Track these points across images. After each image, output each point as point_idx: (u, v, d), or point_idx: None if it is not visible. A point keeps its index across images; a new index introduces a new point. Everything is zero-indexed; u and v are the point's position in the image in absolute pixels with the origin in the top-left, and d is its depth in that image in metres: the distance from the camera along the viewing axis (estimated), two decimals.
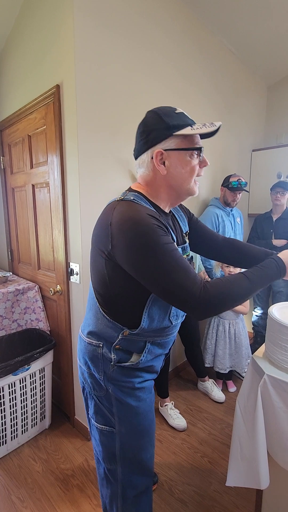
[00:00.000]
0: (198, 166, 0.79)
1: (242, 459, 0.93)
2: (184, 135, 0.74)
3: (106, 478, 0.93)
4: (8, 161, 2.02)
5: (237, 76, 2.44)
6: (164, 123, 0.73)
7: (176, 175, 0.77)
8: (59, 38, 1.37)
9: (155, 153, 0.74)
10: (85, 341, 0.89)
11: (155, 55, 1.68)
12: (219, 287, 0.70)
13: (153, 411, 0.93)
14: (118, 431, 0.87)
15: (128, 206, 0.73)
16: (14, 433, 1.55)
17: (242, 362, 1.93)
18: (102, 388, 0.86)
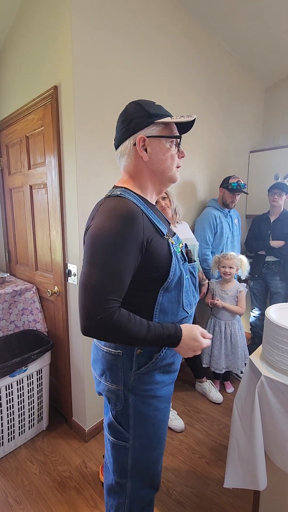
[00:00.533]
0: (177, 155, 0.82)
1: (239, 460, 0.93)
2: (164, 124, 0.78)
3: (114, 490, 0.91)
4: (6, 162, 2.01)
5: (234, 78, 2.45)
6: (146, 112, 0.77)
7: (157, 161, 0.79)
8: (57, 39, 1.37)
9: (138, 138, 0.76)
10: (103, 350, 0.83)
11: (153, 57, 1.68)
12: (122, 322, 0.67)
13: (167, 421, 0.90)
14: (131, 445, 0.84)
15: (116, 201, 0.73)
16: (11, 435, 1.54)
17: (238, 363, 1.93)
18: (119, 399, 0.82)
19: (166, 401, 0.87)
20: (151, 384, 0.81)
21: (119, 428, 0.84)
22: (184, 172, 2.06)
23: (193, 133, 2.07)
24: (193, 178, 2.15)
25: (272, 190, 2.29)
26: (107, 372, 0.83)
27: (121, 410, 0.83)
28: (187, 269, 0.83)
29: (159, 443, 0.88)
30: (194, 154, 2.13)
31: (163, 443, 0.91)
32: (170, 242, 0.78)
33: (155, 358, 0.79)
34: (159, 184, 0.84)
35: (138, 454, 0.86)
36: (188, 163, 2.08)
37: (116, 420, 0.85)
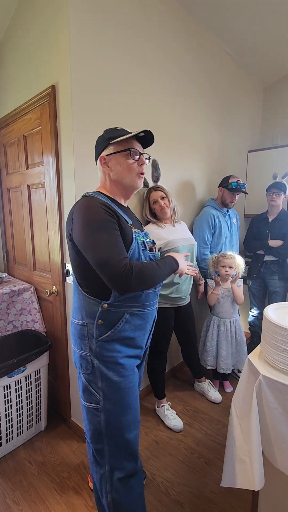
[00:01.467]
0: (137, 164, 0.99)
1: (237, 460, 0.93)
2: (118, 142, 0.97)
3: (95, 461, 1.02)
4: (4, 162, 2.01)
5: (233, 78, 2.45)
6: (105, 138, 1.00)
7: (116, 172, 1.00)
8: (54, 38, 1.37)
9: (99, 158, 1.01)
10: (74, 323, 1.03)
11: (151, 57, 1.68)
12: (141, 271, 0.88)
13: (136, 392, 1.02)
14: (102, 407, 0.97)
15: (87, 198, 0.94)
16: (10, 436, 1.54)
17: (244, 359, 1.93)
18: (88, 364, 0.98)
19: (131, 370, 1.00)
20: (113, 352, 0.97)
21: (91, 390, 0.99)
22: (182, 171, 2.05)
23: (191, 133, 2.08)
24: (191, 177, 2.15)
25: (270, 189, 2.29)
26: (78, 341, 1.01)
27: (91, 373, 0.98)
28: (147, 256, 1.01)
29: (129, 409, 0.99)
30: (193, 154, 2.13)
31: (134, 412, 1.01)
32: (133, 231, 0.98)
33: (114, 329, 0.96)
34: (123, 189, 1.03)
35: (110, 417, 0.98)
36: (186, 162, 2.08)
37: (87, 383, 0.99)
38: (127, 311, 0.97)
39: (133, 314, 0.99)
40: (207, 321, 2.05)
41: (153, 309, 1.07)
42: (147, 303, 1.02)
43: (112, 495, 0.99)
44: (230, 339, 1.94)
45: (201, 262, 2.06)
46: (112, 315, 0.96)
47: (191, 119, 2.06)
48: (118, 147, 0.98)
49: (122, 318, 0.97)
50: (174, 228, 1.71)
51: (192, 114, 2.06)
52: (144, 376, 1.97)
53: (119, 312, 0.96)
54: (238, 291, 1.92)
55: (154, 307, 1.08)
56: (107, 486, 0.99)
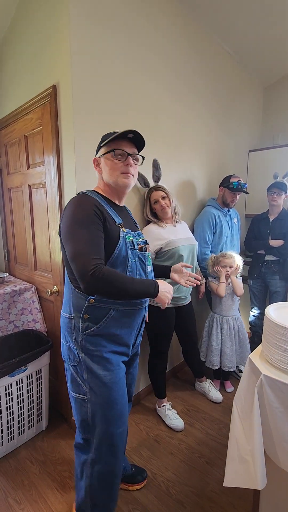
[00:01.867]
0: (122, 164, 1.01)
1: (239, 459, 0.93)
2: (107, 144, 1.01)
3: (80, 446, 1.07)
4: (5, 162, 2.01)
5: (233, 77, 2.45)
6: (101, 141, 1.05)
7: (105, 173, 1.04)
8: (55, 38, 1.37)
9: (92, 160, 1.08)
10: (62, 315, 1.06)
11: (152, 57, 1.68)
12: (110, 276, 0.86)
13: (122, 388, 1.03)
14: (89, 399, 1.01)
15: (80, 196, 0.99)
16: (11, 435, 1.54)
17: (247, 356, 1.93)
18: (75, 357, 1.01)
19: (116, 365, 1.02)
20: (98, 346, 0.99)
21: (78, 381, 1.02)
22: (183, 171, 2.06)
23: (192, 132, 2.08)
24: (192, 177, 2.15)
25: (271, 189, 2.29)
26: (65, 333, 1.04)
27: (78, 365, 1.01)
28: (136, 255, 1.02)
29: (114, 404, 1.01)
30: (193, 154, 2.13)
31: (121, 408, 1.03)
32: (122, 230, 0.99)
33: (99, 324, 0.98)
34: (114, 189, 1.06)
35: (96, 409, 1.00)
36: (187, 162, 2.08)
37: (76, 374, 1.03)
38: (113, 307, 0.98)
39: (120, 311, 1.00)
40: (209, 320, 2.05)
41: (141, 308, 1.07)
42: (135, 301, 1.03)
43: (91, 481, 1.03)
44: (234, 336, 1.94)
45: (202, 262, 2.06)
46: (98, 311, 0.97)
47: (192, 119, 2.06)
48: (106, 149, 1.02)
49: (108, 314, 0.98)
50: (175, 228, 1.71)
51: (192, 113, 2.06)
52: (145, 375, 1.97)
53: (106, 308, 0.98)
54: (238, 282, 1.92)
55: (144, 306, 1.08)
56: (88, 471, 1.04)
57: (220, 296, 1.92)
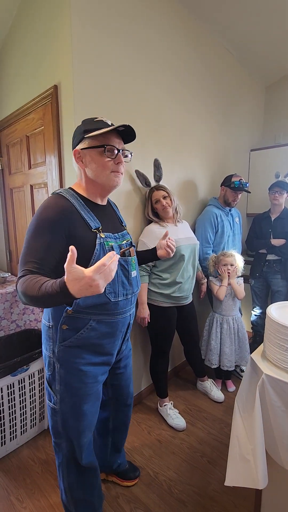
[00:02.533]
0: (112, 162, 0.90)
1: (240, 458, 0.93)
2: (94, 136, 0.88)
3: (55, 449, 1.06)
4: (6, 162, 2.02)
5: (235, 76, 2.45)
6: (82, 129, 0.91)
7: (91, 169, 0.92)
8: (57, 38, 1.37)
9: (73, 152, 0.93)
10: (42, 322, 1.00)
11: (152, 56, 1.68)
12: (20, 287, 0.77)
13: (93, 399, 1.00)
14: (59, 409, 0.98)
15: (51, 197, 0.90)
16: (13, 434, 1.55)
17: (247, 356, 1.94)
18: (50, 366, 0.97)
19: (93, 378, 0.97)
20: (76, 358, 0.94)
21: (50, 391, 0.99)
22: (184, 171, 2.05)
23: (194, 132, 2.07)
24: (193, 177, 2.15)
25: (272, 188, 2.28)
26: (44, 341, 0.99)
27: (52, 375, 0.97)
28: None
29: (83, 416, 0.98)
30: (194, 153, 2.12)
31: (89, 419, 1.01)
32: (99, 235, 0.90)
33: (78, 335, 0.91)
34: (100, 188, 0.95)
35: (65, 419, 0.98)
36: (188, 162, 2.08)
37: (48, 383, 1.00)
38: (93, 318, 0.92)
39: (101, 321, 0.93)
40: (209, 320, 2.05)
41: (124, 316, 1.00)
42: (116, 311, 0.95)
43: (68, 480, 1.05)
44: (233, 336, 1.94)
45: (204, 262, 2.06)
46: (77, 321, 0.91)
47: (193, 118, 2.06)
48: (94, 142, 0.89)
49: (87, 325, 0.91)
50: (176, 228, 1.71)
51: (194, 113, 2.06)
52: (146, 374, 1.98)
53: (85, 318, 0.91)
54: (238, 286, 1.92)
55: (127, 315, 1.01)
56: (64, 472, 1.05)
57: (219, 299, 1.94)
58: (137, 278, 1.05)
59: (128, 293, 0.98)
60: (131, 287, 0.99)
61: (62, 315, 0.90)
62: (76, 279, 0.67)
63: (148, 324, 1.69)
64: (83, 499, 1.08)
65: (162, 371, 1.81)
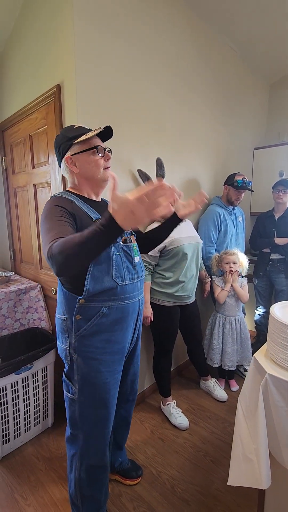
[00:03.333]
0: (103, 159, 1.02)
1: (243, 458, 0.92)
2: (82, 141, 0.98)
3: (70, 440, 1.09)
4: (10, 161, 2.02)
5: (238, 74, 2.43)
6: (66, 138, 1.00)
7: (86, 170, 1.01)
8: (59, 38, 1.37)
9: (65, 159, 1.01)
10: (57, 317, 1.05)
11: (155, 55, 1.67)
12: (60, 244, 0.74)
13: (113, 389, 1.05)
14: (78, 399, 1.02)
15: (52, 198, 0.99)
16: (17, 432, 1.56)
17: (249, 355, 1.93)
18: (67, 358, 1.02)
19: (108, 367, 1.02)
20: (91, 347, 0.99)
21: (68, 382, 1.04)
22: (187, 169, 2.05)
23: (196, 130, 2.06)
24: (196, 176, 2.14)
25: (276, 187, 2.27)
26: (60, 335, 1.04)
27: (70, 366, 1.02)
28: (119, 247, 1.00)
29: (102, 404, 1.03)
30: (197, 152, 2.12)
31: (110, 408, 1.05)
32: None
33: (90, 322, 0.97)
34: (95, 186, 1.05)
35: (84, 408, 1.03)
36: (191, 160, 2.07)
37: (66, 374, 1.05)
38: (105, 305, 0.97)
39: (111, 307, 0.98)
40: (212, 319, 2.04)
41: (134, 301, 1.05)
42: (125, 295, 1.01)
43: (80, 473, 1.07)
44: (236, 336, 1.94)
45: (207, 261, 2.05)
46: (89, 310, 0.97)
47: (196, 117, 2.05)
48: (83, 146, 0.99)
49: (99, 312, 0.97)
50: (180, 226, 1.70)
51: (197, 111, 2.05)
52: (150, 373, 1.98)
53: (97, 307, 0.97)
54: (241, 290, 1.91)
55: (136, 300, 1.06)
56: (77, 464, 1.07)
57: (219, 302, 1.95)
58: (141, 264, 1.11)
59: (134, 277, 1.03)
60: (136, 271, 1.05)
61: (75, 307, 0.96)
62: (121, 205, 0.65)
63: (151, 323, 1.69)
64: (91, 495, 1.10)
65: (165, 370, 1.81)
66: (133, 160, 1.63)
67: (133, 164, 1.63)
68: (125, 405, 1.28)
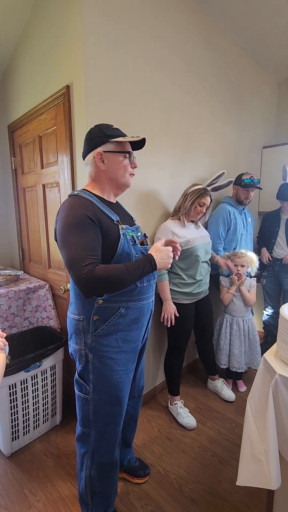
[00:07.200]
0: (130, 166, 1.04)
1: (253, 459, 0.92)
2: (117, 142, 1.00)
3: (82, 439, 1.10)
4: (19, 162, 2.05)
5: (247, 72, 2.41)
6: (103, 133, 1.00)
7: (112, 170, 1.01)
8: (69, 39, 1.38)
9: (96, 153, 1.00)
10: (70, 317, 1.06)
11: (165, 54, 1.67)
12: (103, 274, 0.84)
13: (127, 388, 1.07)
14: (92, 398, 1.03)
15: (72, 198, 0.97)
16: (26, 429, 1.58)
17: (257, 358, 1.92)
18: (82, 357, 1.03)
19: (123, 366, 1.04)
20: (107, 347, 1.00)
21: (82, 382, 1.05)
22: (196, 168, 2.04)
23: (205, 129, 2.05)
24: (204, 174, 2.13)
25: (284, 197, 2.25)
26: (73, 335, 1.05)
27: (84, 366, 1.03)
28: (139, 250, 1.03)
29: (116, 402, 1.05)
30: (205, 150, 2.11)
31: (123, 407, 1.07)
32: (120, 227, 0.99)
33: (108, 322, 0.98)
34: (115, 188, 1.06)
35: (98, 407, 1.04)
36: (200, 159, 2.06)
37: (80, 375, 1.06)
38: (122, 305, 0.99)
39: (129, 308, 1.00)
40: (220, 320, 2.03)
41: (149, 302, 1.08)
42: (142, 296, 1.03)
43: (91, 471, 1.09)
44: (243, 337, 1.92)
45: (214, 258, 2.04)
46: (107, 310, 0.98)
47: (205, 116, 2.04)
48: (118, 147, 1.00)
49: (117, 312, 0.99)
50: (193, 228, 1.72)
51: (206, 110, 2.04)
52: (161, 371, 1.98)
53: (115, 307, 0.98)
54: (248, 294, 1.90)
55: (150, 300, 1.09)
56: (88, 462, 1.09)
57: (223, 304, 1.95)
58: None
59: (151, 278, 1.06)
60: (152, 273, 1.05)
61: (93, 307, 0.98)
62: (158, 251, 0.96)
63: (166, 320, 1.70)
64: (100, 492, 1.11)
65: (176, 368, 1.81)
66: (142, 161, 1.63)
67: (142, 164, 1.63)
68: (131, 402, 1.28)
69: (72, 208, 0.92)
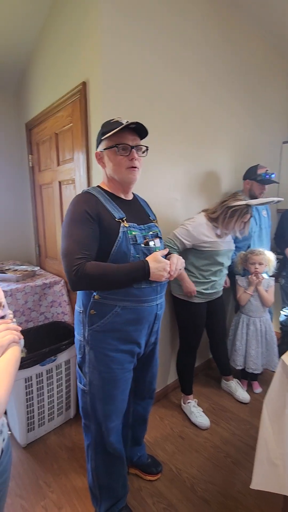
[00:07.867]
0: (126, 158, 0.96)
1: (268, 463, 0.90)
2: (109, 137, 0.95)
3: (85, 430, 1.12)
4: (36, 159, 2.08)
5: (267, 62, 2.33)
6: (100, 132, 1.00)
7: (109, 168, 1.00)
8: (85, 35, 1.38)
9: (95, 154, 1.03)
10: (76, 309, 1.08)
11: (182, 50, 1.64)
12: (93, 271, 0.86)
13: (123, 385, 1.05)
14: (88, 391, 1.05)
15: (81, 194, 1.00)
16: (41, 421, 1.62)
17: (275, 359, 1.87)
18: (81, 349, 1.05)
19: (119, 365, 1.02)
20: (103, 343, 1.00)
21: (80, 373, 1.07)
22: (210, 163, 2.00)
23: (220, 124, 2.00)
24: (219, 170, 2.08)
25: None
26: (76, 326, 1.07)
27: (82, 357, 1.05)
28: (140, 250, 0.98)
29: (110, 400, 1.04)
30: (221, 144, 2.06)
31: (119, 404, 1.06)
32: (122, 225, 0.96)
33: (103, 319, 0.98)
34: (121, 185, 1.03)
35: (93, 401, 1.05)
36: (214, 154, 2.02)
37: (79, 365, 1.08)
38: (119, 304, 0.97)
39: (126, 308, 0.98)
40: (236, 320, 1.99)
41: (151, 305, 1.02)
42: (142, 298, 0.99)
43: (95, 462, 1.10)
44: (260, 338, 1.88)
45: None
46: (103, 307, 0.97)
47: (221, 108, 1.99)
48: (109, 143, 0.97)
49: (113, 311, 0.97)
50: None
51: (222, 102, 1.99)
52: (173, 369, 1.97)
53: (111, 305, 0.97)
54: (265, 294, 1.84)
55: (153, 304, 1.03)
56: (92, 454, 1.10)
57: (240, 304, 1.91)
58: None
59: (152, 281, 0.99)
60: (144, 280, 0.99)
61: (90, 301, 0.98)
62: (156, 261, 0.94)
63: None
64: (107, 485, 1.12)
65: (188, 367, 1.80)
66: (158, 156, 1.61)
67: (157, 160, 1.61)
68: (141, 402, 1.28)
69: (74, 203, 0.95)
